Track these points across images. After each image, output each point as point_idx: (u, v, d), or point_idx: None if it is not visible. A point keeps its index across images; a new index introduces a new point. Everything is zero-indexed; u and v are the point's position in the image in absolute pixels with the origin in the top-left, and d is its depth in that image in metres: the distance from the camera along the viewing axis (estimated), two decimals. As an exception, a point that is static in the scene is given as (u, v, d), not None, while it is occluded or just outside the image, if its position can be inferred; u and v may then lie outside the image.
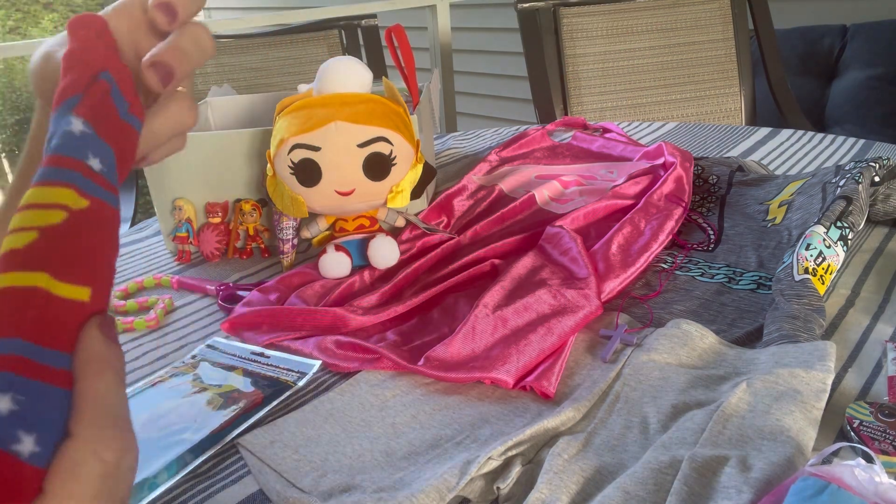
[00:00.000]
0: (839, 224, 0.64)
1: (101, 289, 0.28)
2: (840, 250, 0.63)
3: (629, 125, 1.24)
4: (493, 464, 0.45)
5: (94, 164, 0.30)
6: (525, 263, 0.66)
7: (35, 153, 0.43)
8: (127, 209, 1.53)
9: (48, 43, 0.39)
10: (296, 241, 0.78)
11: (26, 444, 0.24)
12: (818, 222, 0.64)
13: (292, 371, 0.58)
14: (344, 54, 1.71)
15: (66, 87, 0.31)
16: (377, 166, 0.68)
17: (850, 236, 0.64)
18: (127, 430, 0.27)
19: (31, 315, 0.26)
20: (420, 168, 0.73)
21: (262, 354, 0.61)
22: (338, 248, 0.72)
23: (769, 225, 0.74)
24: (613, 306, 0.63)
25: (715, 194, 0.82)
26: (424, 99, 0.87)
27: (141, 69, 0.33)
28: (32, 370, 0.25)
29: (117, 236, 0.30)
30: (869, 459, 0.41)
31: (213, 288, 0.74)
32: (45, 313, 0.26)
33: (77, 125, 0.30)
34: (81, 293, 0.27)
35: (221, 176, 0.81)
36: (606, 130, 1.09)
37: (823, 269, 0.61)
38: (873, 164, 0.72)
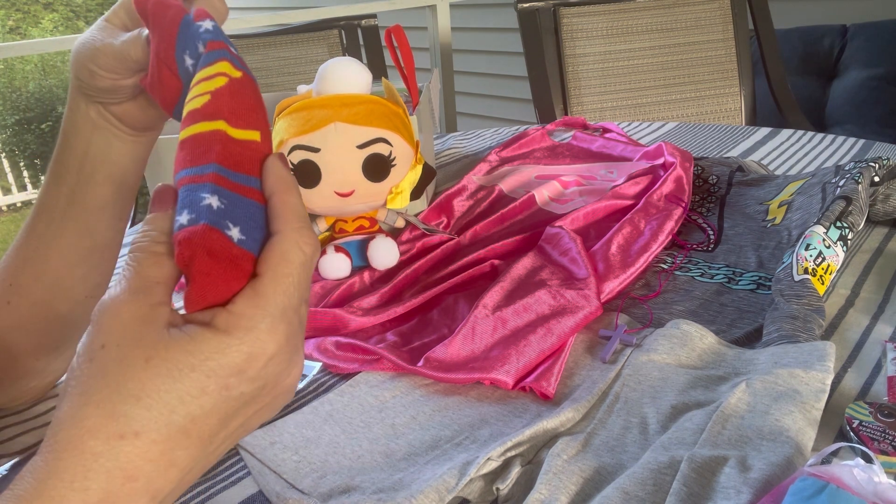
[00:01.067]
0: (839, 224, 0.64)
1: (268, 134, 0.36)
2: (840, 250, 0.63)
3: (629, 125, 1.24)
4: (493, 464, 0.45)
5: (234, 49, 0.37)
6: (525, 264, 0.66)
7: (69, 130, 0.48)
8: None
9: (93, 37, 0.45)
10: (296, 241, 0.78)
11: (234, 231, 0.32)
12: (818, 222, 0.64)
13: (292, 372, 0.58)
14: (344, 54, 1.71)
15: (200, 12, 0.38)
16: (377, 167, 0.68)
17: (849, 236, 0.64)
18: (314, 232, 0.34)
19: (218, 148, 0.33)
20: (420, 169, 0.73)
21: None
22: (337, 249, 0.72)
23: (769, 225, 0.74)
24: (613, 307, 0.63)
25: (715, 194, 0.82)
26: (424, 99, 0.87)
27: None
28: (229, 185, 0.33)
29: (263, 102, 0.36)
30: (868, 460, 0.41)
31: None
32: (229, 148, 0.33)
33: (206, 24, 0.37)
34: (254, 135, 0.35)
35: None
36: (606, 130, 1.09)
37: (823, 269, 0.61)
38: (873, 164, 0.72)
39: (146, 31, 0.42)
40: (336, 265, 0.71)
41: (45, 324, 0.51)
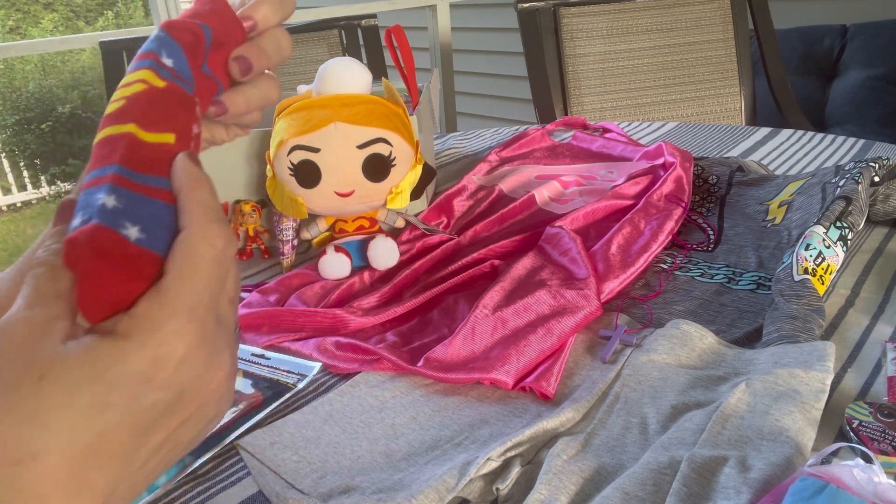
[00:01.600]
0: (839, 224, 0.64)
1: (185, 135, 0.34)
2: (840, 250, 0.63)
3: (629, 125, 1.24)
4: (493, 464, 0.45)
5: (167, 60, 0.35)
6: (525, 264, 0.66)
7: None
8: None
9: None
10: (295, 242, 0.78)
11: (132, 231, 0.29)
12: (818, 222, 0.64)
13: (292, 373, 0.58)
14: (344, 54, 1.71)
15: (170, 23, 0.37)
16: (377, 167, 0.68)
17: (849, 236, 0.64)
18: (228, 227, 0.31)
19: (123, 150, 0.31)
20: (420, 169, 0.73)
21: (262, 356, 0.61)
22: (337, 249, 0.72)
23: (769, 225, 0.74)
24: (613, 307, 0.63)
25: (715, 194, 0.82)
26: (424, 99, 0.87)
27: (227, 59, 0.40)
28: (131, 185, 0.31)
29: (196, 114, 0.35)
30: (868, 460, 0.41)
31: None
32: (136, 150, 0.32)
33: (158, 33, 0.36)
34: (167, 137, 0.33)
35: (221, 177, 0.81)
36: (606, 130, 1.09)
37: (823, 269, 0.61)
38: (873, 164, 0.72)
39: None
40: (336, 265, 0.71)
41: None
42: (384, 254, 0.72)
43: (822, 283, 0.60)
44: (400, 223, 0.76)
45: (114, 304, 0.29)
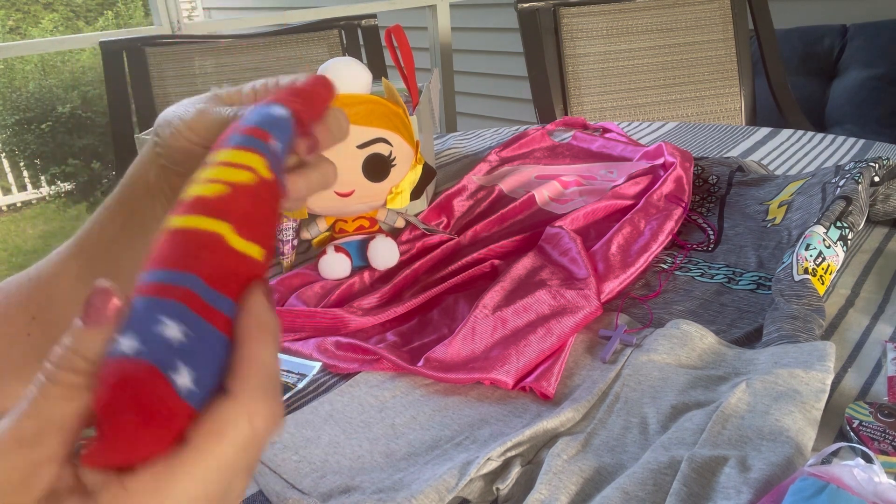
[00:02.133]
0: (839, 224, 0.64)
1: (269, 254, 0.29)
2: (840, 250, 0.63)
3: (629, 125, 1.24)
4: (493, 464, 0.45)
5: (276, 145, 0.32)
6: (525, 264, 0.66)
7: (135, 184, 0.46)
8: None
9: (193, 100, 0.43)
10: (295, 242, 0.78)
11: (184, 378, 0.25)
12: (818, 222, 0.64)
13: (292, 372, 0.58)
14: (344, 54, 1.71)
15: (293, 100, 0.35)
16: (377, 167, 0.68)
17: (849, 236, 0.64)
18: (279, 402, 0.27)
19: (210, 258, 0.27)
20: (420, 169, 0.73)
21: (261, 355, 0.61)
22: (337, 249, 0.72)
23: (769, 225, 0.74)
24: (613, 307, 0.63)
25: (715, 194, 0.82)
26: (424, 99, 0.87)
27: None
28: (203, 309, 0.26)
29: (280, 214, 0.32)
30: (868, 460, 0.41)
31: (212, 288, 0.74)
32: (223, 260, 0.27)
33: (279, 110, 0.33)
34: (255, 251, 0.28)
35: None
36: (606, 130, 1.09)
37: (823, 269, 0.61)
38: (873, 164, 0.72)
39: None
40: (336, 265, 0.71)
41: None
42: (384, 254, 0.72)
43: (823, 283, 0.60)
44: (400, 223, 0.76)
45: (123, 462, 0.24)
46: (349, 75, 0.70)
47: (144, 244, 0.49)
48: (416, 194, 0.75)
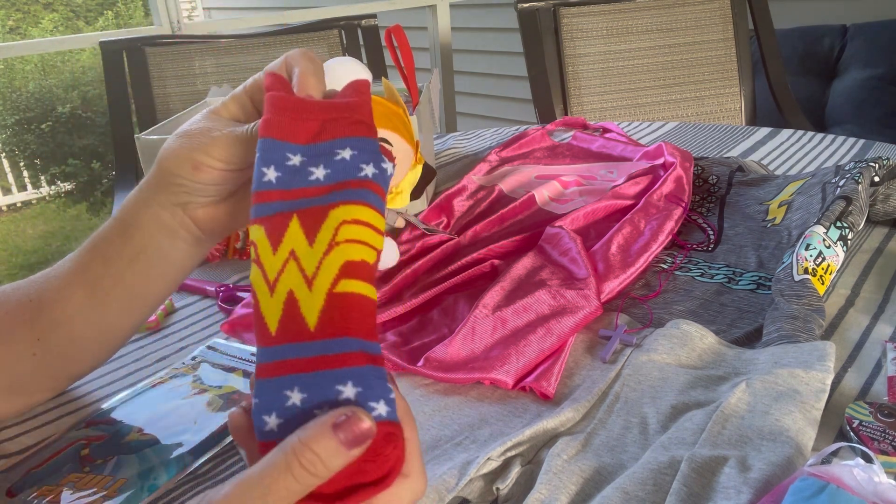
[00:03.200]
0: (839, 224, 0.64)
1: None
2: (840, 250, 0.63)
3: (629, 125, 1.24)
4: (493, 464, 0.45)
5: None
6: (525, 264, 0.66)
7: (130, 221, 0.47)
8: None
9: (189, 130, 0.45)
10: (296, 241, 0.78)
11: (381, 408, 0.31)
12: (818, 222, 0.64)
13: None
14: (344, 54, 1.71)
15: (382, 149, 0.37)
16: (377, 167, 0.68)
17: (849, 236, 0.64)
18: (426, 480, 0.34)
19: (373, 324, 0.33)
20: (420, 169, 0.73)
21: (261, 355, 0.61)
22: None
23: (769, 225, 0.74)
24: (613, 307, 0.63)
25: (715, 194, 0.82)
26: (424, 99, 0.87)
27: None
28: (376, 360, 0.32)
29: None
30: (868, 459, 0.41)
31: (212, 289, 0.74)
32: (374, 320, 0.33)
33: (390, 168, 0.36)
34: (373, 293, 0.33)
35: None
36: (606, 130, 1.09)
37: (823, 269, 0.61)
38: (873, 164, 0.72)
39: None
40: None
41: (63, 377, 0.53)
42: (384, 254, 0.71)
43: (823, 283, 0.60)
44: (400, 223, 0.76)
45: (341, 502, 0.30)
46: (349, 75, 0.70)
47: (160, 277, 0.49)
48: (416, 194, 0.74)
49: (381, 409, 0.31)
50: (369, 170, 0.35)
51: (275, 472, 0.30)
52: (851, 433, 0.45)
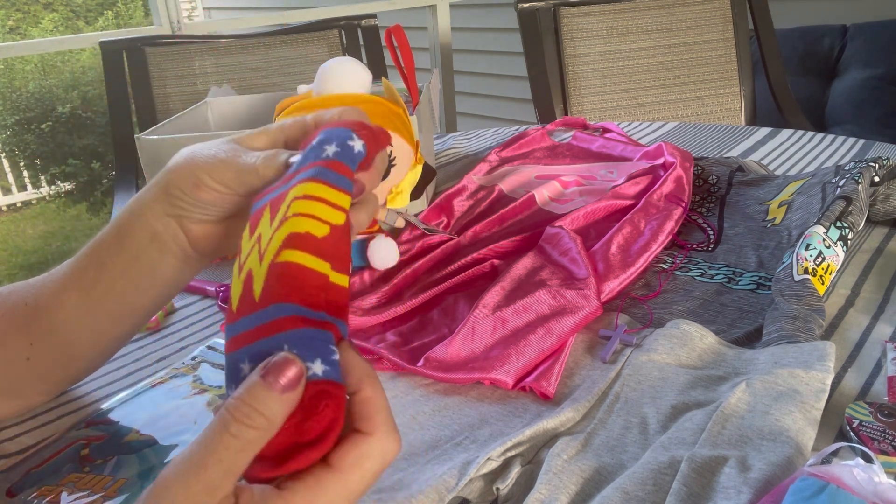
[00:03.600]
0: (839, 224, 0.64)
1: (348, 273, 0.35)
2: (840, 250, 0.63)
3: (629, 125, 1.24)
4: (493, 464, 0.45)
5: (350, 179, 0.37)
6: (525, 264, 0.66)
7: (125, 229, 0.47)
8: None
9: (208, 148, 0.45)
10: (295, 241, 0.78)
11: (316, 367, 0.31)
12: (818, 222, 0.64)
13: (292, 372, 0.58)
14: (344, 54, 1.71)
15: (368, 135, 0.38)
16: (377, 167, 0.68)
17: (849, 236, 0.64)
18: (399, 438, 0.33)
19: (318, 294, 0.33)
20: (420, 169, 0.73)
21: (261, 355, 0.61)
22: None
23: (769, 225, 0.74)
24: (613, 307, 0.63)
25: (715, 194, 0.82)
26: (424, 99, 0.87)
27: None
28: (317, 324, 0.32)
29: None
30: (868, 459, 0.41)
31: (213, 289, 0.74)
32: (327, 295, 0.33)
33: (359, 146, 0.37)
34: (344, 280, 0.34)
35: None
36: (606, 130, 1.09)
37: (823, 269, 0.61)
38: (873, 164, 0.72)
39: (285, 155, 0.42)
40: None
41: (57, 381, 0.53)
42: (384, 254, 0.71)
43: (823, 283, 0.60)
44: (400, 223, 0.76)
45: (285, 470, 0.30)
46: (349, 75, 0.70)
47: (150, 288, 0.49)
48: (416, 194, 0.75)
49: (316, 368, 0.31)
50: (331, 149, 0.37)
51: (212, 436, 0.29)
52: (851, 433, 0.45)
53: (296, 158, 0.40)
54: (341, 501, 0.30)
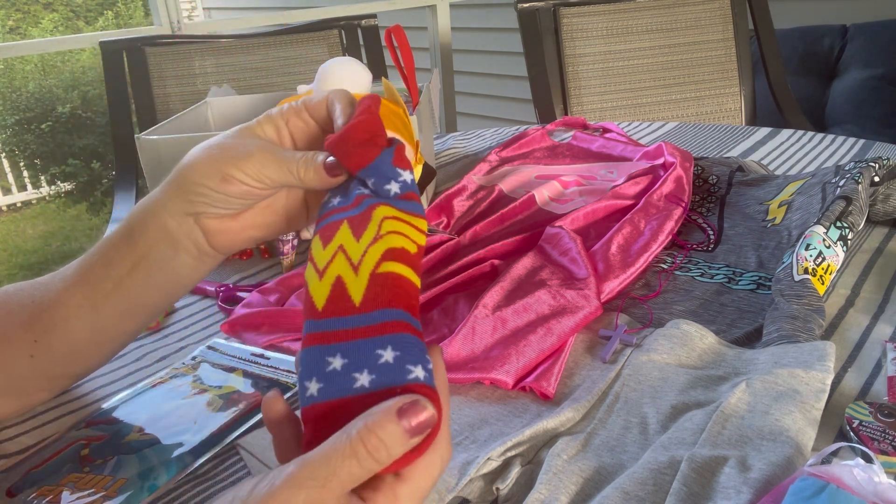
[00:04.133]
0: (839, 224, 0.64)
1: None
2: (840, 250, 0.63)
3: (629, 125, 1.24)
4: (493, 464, 0.45)
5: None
6: (525, 264, 0.66)
7: (137, 225, 0.48)
8: (127, 210, 1.53)
9: (209, 141, 0.46)
10: (296, 241, 0.78)
11: (418, 371, 0.33)
12: (818, 222, 0.64)
13: (292, 373, 0.58)
14: (344, 54, 1.71)
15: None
16: (377, 167, 0.68)
17: (849, 236, 0.64)
18: (451, 443, 0.35)
19: (415, 304, 0.36)
20: (420, 168, 0.73)
21: (262, 356, 0.61)
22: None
23: (769, 225, 0.74)
24: (613, 306, 0.63)
25: (715, 194, 0.82)
26: (424, 99, 0.87)
27: None
28: (417, 333, 0.35)
29: None
30: (868, 459, 0.41)
31: (213, 289, 0.74)
32: (415, 300, 0.36)
33: (407, 175, 0.41)
34: (417, 281, 0.37)
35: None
36: (606, 130, 1.09)
37: (823, 269, 0.61)
38: (873, 164, 0.72)
39: (322, 157, 0.44)
40: None
41: (61, 378, 0.53)
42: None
43: (823, 283, 0.60)
44: (400, 223, 0.76)
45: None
46: (349, 75, 0.70)
47: (160, 286, 0.49)
48: (416, 194, 0.74)
49: (418, 372, 0.33)
50: (394, 187, 0.40)
51: (339, 456, 0.31)
52: (851, 433, 0.45)
53: (331, 159, 0.43)
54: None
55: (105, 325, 0.49)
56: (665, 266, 0.70)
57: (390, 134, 0.69)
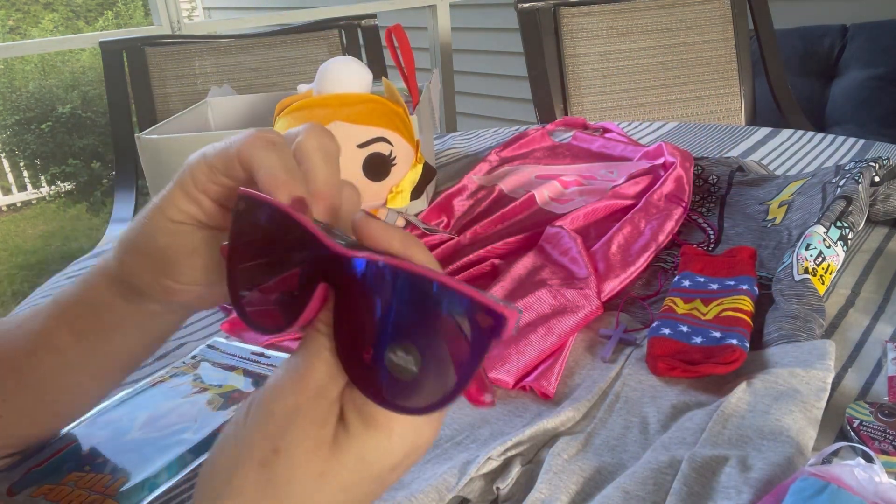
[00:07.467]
0: (839, 224, 0.64)
1: None
2: (840, 250, 0.63)
3: (629, 125, 1.24)
4: (493, 464, 0.45)
5: None
6: (525, 263, 0.66)
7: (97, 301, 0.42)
8: (127, 210, 1.53)
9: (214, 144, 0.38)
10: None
11: None
12: (818, 222, 0.64)
13: (292, 371, 0.58)
14: (344, 54, 1.71)
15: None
16: (377, 167, 0.68)
17: (850, 236, 0.64)
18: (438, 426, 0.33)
19: None
20: (420, 168, 0.73)
21: (262, 354, 0.61)
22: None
23: (769, 225, 0.74)
24: (613, 306, 0.63)
25: (715, 194, 0.82)
26: (424, 99, 0.87)
27: None
28: None
29: None
30: (869, 459, 0.41)
31: (213, 288, 0.74)
32: None
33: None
34: None
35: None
36: (606, 130, 1.09)
37: (823, 269, 0.61)
38: (873, 164, 0.72)
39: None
40: None
41: (29, 437, 0.50)
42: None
43: (823, 283, 0.60)
44: (400, 223, 0.76)
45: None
46: (349, 74, 0.70)
47: (139, 347, 0.46)
48: (416, 194, 0.75)
49: None
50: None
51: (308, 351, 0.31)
52: (852, 433, 0.45)
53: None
54: (406, 449, 0.31)
55: (79, 385, 0.46)
56: (665, 266, 0.70)
57: (389, 134, 0.69)
